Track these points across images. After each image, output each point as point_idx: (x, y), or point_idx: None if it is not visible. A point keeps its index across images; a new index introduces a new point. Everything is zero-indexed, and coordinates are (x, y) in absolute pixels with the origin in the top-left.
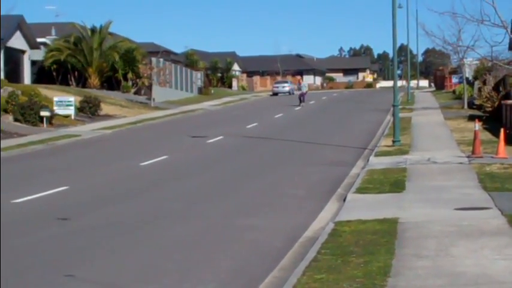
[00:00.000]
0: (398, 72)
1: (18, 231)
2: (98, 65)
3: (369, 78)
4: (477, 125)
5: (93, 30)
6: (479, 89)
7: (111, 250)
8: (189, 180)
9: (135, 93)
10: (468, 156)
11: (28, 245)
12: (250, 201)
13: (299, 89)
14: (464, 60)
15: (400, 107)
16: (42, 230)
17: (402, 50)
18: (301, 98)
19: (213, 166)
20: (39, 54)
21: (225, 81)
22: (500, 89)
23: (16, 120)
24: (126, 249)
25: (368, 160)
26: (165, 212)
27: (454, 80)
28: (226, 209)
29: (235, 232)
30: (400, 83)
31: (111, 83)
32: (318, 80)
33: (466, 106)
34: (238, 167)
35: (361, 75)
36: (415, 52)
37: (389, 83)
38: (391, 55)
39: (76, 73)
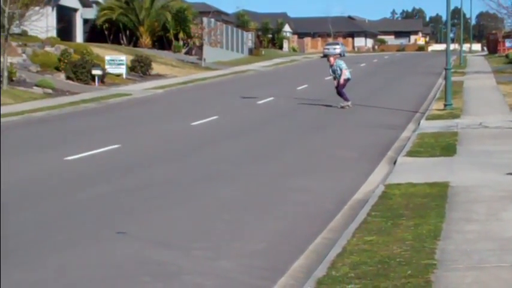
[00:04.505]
0: (451, 35)
1: (70, 188)
2: (150, 25)
3: (421, 41)
4: None
5: None
6: None
7: (161, 209)
8: (239, 140)
9: (186, 53)
10: None
11: (80, 202)
12: (299, 163)
13: (333, 74)
14: None
15: (452, 70)
16: (94, 188)
17: (455, 13)
18: (339, 89)
19: (263, 127)
20: (91, 13)
21: (276, 43)
22: None
23: (68, 78)
24: (176, 208)
25: (419, 123)
26: (214, 172)
27: (508, 44)
28: (276, 170)
29: (284, 193)
30: (452, 46)
31: (162, 42)
32: (369, 42)
33: None
34: (288, 128)
35: (413, 38)
36: (468, 15)
37: (441, 46)
38: (443, 18)
39: (127, 32)
